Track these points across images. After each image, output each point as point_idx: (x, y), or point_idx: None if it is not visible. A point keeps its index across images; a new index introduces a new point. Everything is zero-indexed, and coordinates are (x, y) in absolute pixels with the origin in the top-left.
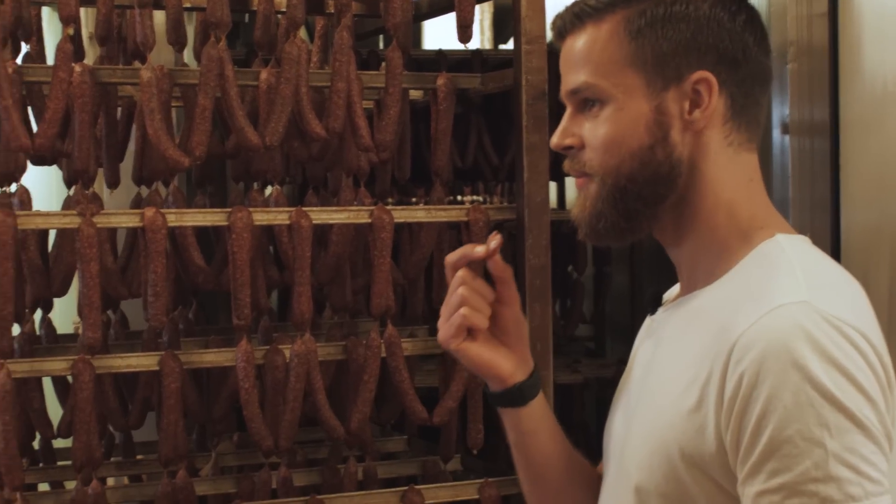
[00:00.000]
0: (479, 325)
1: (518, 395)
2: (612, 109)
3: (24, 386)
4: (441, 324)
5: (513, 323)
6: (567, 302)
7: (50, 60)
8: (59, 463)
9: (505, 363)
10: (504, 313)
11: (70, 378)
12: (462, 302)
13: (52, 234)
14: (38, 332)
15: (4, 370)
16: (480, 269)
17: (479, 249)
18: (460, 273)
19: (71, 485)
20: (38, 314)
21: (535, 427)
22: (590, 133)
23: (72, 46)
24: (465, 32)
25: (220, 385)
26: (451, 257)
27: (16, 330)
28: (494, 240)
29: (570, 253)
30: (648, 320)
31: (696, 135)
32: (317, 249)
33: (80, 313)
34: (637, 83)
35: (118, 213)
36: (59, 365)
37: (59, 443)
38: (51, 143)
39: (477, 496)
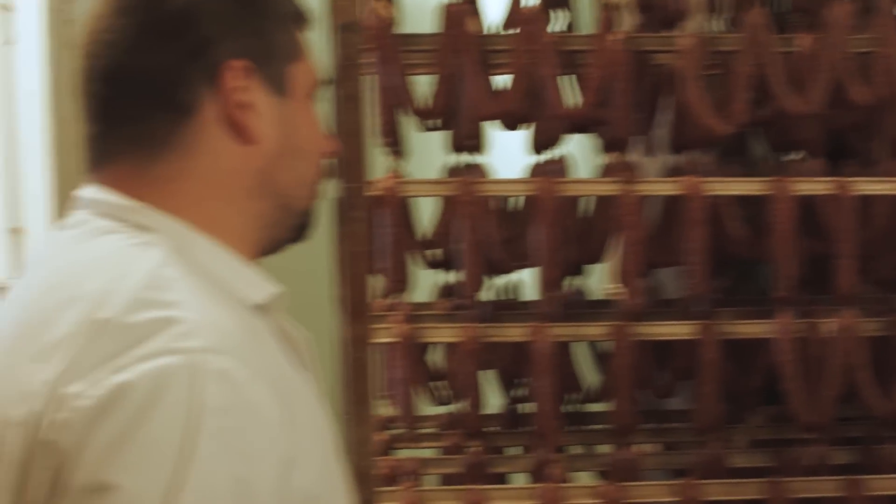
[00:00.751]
0: None
1: None
2: None
3: (560, 349)
4: None
5: None
6: None
7: (583, 30)
8: (591, 426)
9: None
10: None
11: (602, 345)
12: None
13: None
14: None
15: (546, 333)
16: None
17: None
18: None
19: (602, 449)
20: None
21: None
22: None
23: (611, 15)
24: None
25: (753, 356)
26: None
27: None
28: None
29: None
30: None
31: None
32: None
33: (616, 280)
34: None
35: (658, 181)
36: (598, 330)
37: (588, 406)
38: (590, 111)
39: None
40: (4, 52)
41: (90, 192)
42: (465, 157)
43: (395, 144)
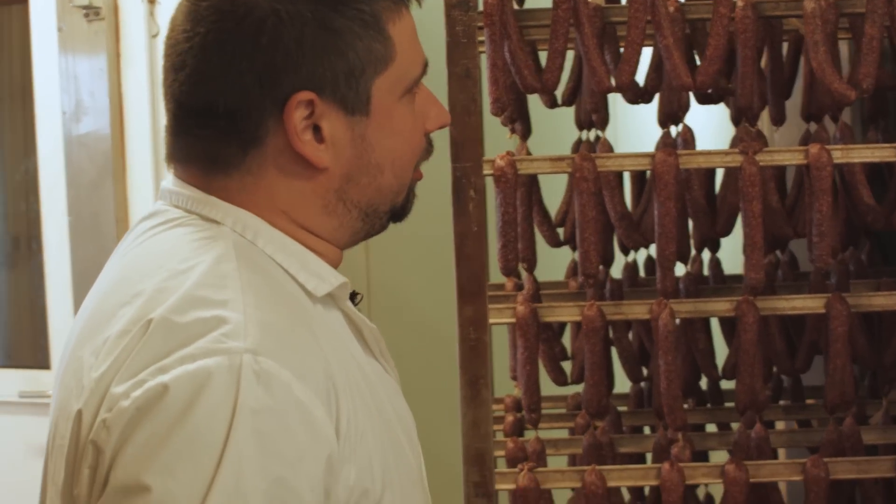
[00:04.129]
0: None
1: None
2: None
3: (689, 326)
4: None
5: None
6: None
7: None
8: (727, 404)
9: None
10: None
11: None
12: None
13: (719, 174)
14: (705, 273)
15: (668, 310)
16: None
17: None
18: None
19: (737, 426)
20: (706, 254)
21: None
22: None
23: None
24: None
25: (892, 329)
26: None
27: (681, 270)
28: None
29: None
30: None
31: None
32: None
33: (744, 253)
34: None
35: (781, 151)
36: (721, 306)
37: (729, 384)
38: (712, 80)
39: None
40: (150, 45)
41: (169, 182)
42: (592, 133)
43: (513, 122)
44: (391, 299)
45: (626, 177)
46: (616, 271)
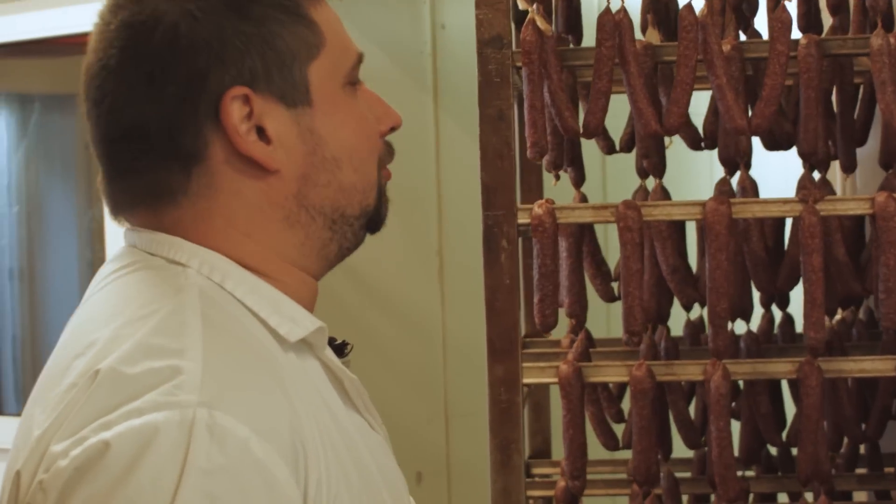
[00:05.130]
0: None
1: None
2: None
3: (751, 388)
4: None
5: None
6: None
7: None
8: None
9: None
10: None
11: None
12: None
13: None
14: (775, 331)
15: (720, 371)
16: None
17: None
18: None
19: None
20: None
21: None
22: None
23: (790, 16)
24: None
25: None
26: None
27: (742, 328)
28: None
29: None
30: None
31: None
32: None
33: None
34: None
35: (845, 200)
36: (782, 367)
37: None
38: (769, 123)
39: None
40: None
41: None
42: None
43: (557, 167)
44: (467, 348)
45: (691, 227)
46: (678, 328)
